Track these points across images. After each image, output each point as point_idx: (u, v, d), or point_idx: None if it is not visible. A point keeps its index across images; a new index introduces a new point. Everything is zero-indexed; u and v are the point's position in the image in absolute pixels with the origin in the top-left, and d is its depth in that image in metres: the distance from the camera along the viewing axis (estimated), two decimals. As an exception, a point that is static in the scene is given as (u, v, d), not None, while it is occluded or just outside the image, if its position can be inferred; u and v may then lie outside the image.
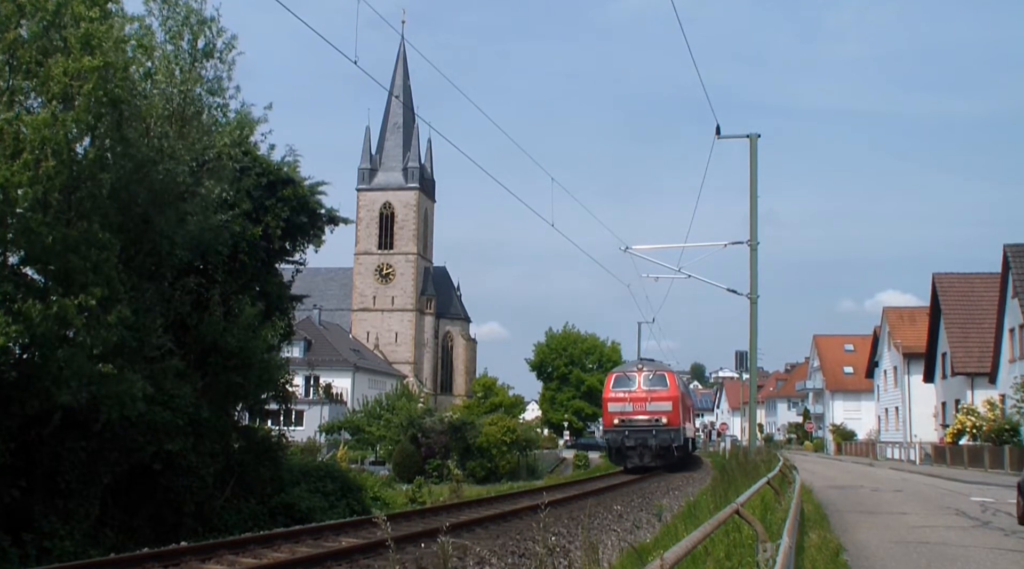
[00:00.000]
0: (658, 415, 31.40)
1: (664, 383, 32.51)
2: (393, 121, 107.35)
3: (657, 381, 32.53)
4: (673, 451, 31.87)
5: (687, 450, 36.24)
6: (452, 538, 10.55)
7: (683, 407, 33.32)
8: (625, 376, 33.22)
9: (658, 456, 31.48)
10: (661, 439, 31.16)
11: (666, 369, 34.08)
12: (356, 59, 13.36)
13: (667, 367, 34.72)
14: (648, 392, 32.01)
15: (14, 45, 14.12)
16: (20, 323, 12.81)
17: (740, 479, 16.36)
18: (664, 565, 4.38)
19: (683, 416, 33.13)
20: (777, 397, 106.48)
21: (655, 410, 31.55)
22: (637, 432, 31.44)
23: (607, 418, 32.90)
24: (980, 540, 13.01)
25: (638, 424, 31.52)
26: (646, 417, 31.49)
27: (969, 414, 39.65)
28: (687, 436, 35.27)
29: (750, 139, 25.94)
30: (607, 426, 32.97)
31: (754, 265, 25.91)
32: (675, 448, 32.03)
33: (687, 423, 35.74)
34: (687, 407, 36.40)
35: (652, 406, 31.66)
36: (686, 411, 35.36)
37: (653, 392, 31.99)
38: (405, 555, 9.53)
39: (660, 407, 31.66)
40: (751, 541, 7.72)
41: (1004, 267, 39.36)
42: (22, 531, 13.96)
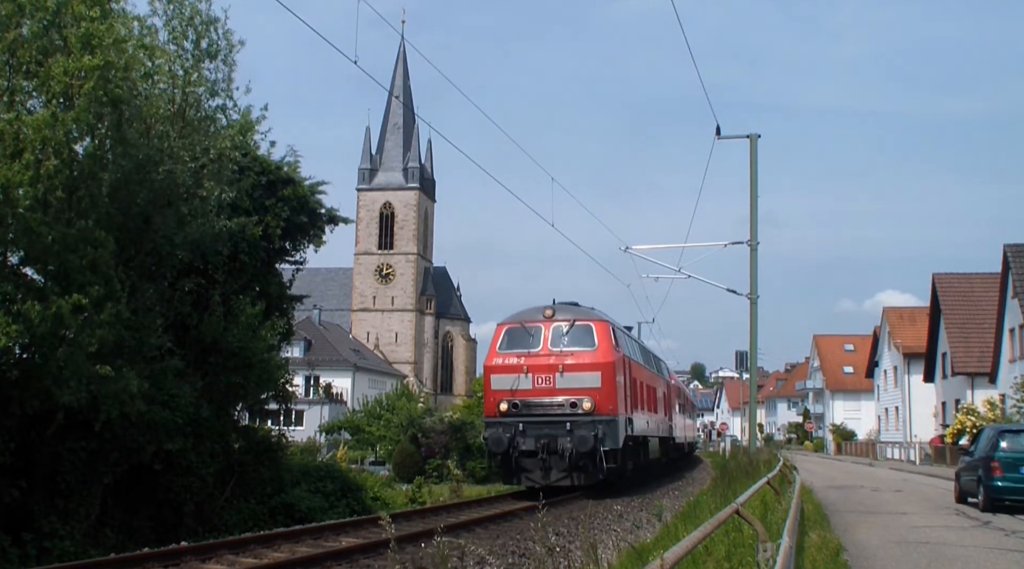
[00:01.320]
0: (577, 395, 18.75)
1: (590, 340, 19.49)
2: (393, 121, 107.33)
3: (578, 337, 19.54)
4: (603, 461, 18.49)
5: (644, 459, 23.47)
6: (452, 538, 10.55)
7: (629, 384, 20.83)
8: (523, 329, 19.76)
9: (577, 468, 18.53)
10: (582, 438, 18.24)
11: (596, 317, 20.32)
12: (356, 59, 13.38)
13: (599, 315, 20.80)
14: (560, 356, 19.14)
15: (14, 45, 14.13)
16: (20, 323, 12.82)
17: (740, 479, 16.37)
18: (664, 565, 4.38)
19: (630, 399, 20.67)
20: (777, 397, 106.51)
21: (572, 386, 18.90)
22: (538, 425, 18.72)
23: (489, 400, 19.65)
24: (980, 540, 13.01)
25: (541, 411, 18.84)
26: (556, 399, 18.88)
27: (969, 414, 39.64)
28: (642, 432, 22.53)
29: (750, 139, 25.95)
30: (489, 414, 19.58)
31: (754, 265, 25.91)
32: (612, 456, 18.83)
33: (644, 411, 23.16)
34: (644, 387, 23.71)
35: (567, 380, 18.99)
36: (640, 393, 22.64)
37: (569, 356, 19.18)
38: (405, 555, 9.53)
39: (581, 381, 19.02)
40: (751, 541, 7.72)
41: (1004, 267, 39.35)
42: (22, 531, 13.95)
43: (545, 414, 18.74)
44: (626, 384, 20.29)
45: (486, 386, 19.97)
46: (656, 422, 25.80)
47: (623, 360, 20.26)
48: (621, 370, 19.84)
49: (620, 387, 19.53)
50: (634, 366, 22.06)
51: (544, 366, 19.09)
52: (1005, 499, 17.46)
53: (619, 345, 20.34)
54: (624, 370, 20.20)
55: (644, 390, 23.64)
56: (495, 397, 19.24)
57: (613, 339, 19.93)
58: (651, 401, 25.04)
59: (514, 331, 19.92)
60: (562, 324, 19.65)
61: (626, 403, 20.10)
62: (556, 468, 18.50)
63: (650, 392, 24.99)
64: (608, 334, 19.84)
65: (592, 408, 18.57)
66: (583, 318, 19.92)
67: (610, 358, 19.31)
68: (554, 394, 18.88)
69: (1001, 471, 17.40)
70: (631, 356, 22.04)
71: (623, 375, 20.00)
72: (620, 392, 19.48)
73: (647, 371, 25.46)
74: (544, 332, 19.57)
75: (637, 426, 21.52)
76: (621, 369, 19.85)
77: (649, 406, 24.41)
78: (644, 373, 24.39)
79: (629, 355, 21.68)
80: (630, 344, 23.52)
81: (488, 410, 19.60)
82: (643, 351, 27.18)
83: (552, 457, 18.49)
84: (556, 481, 18.52)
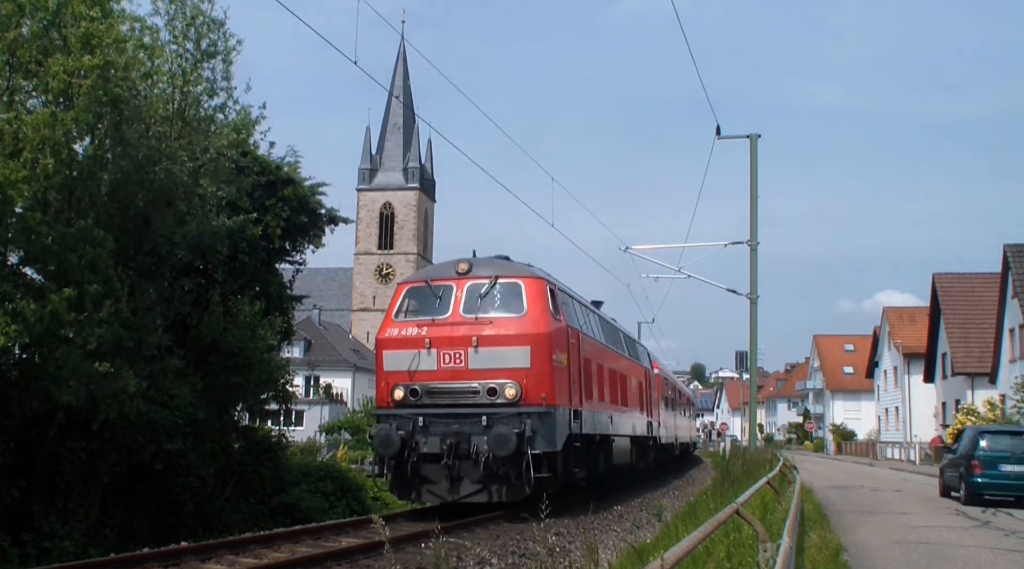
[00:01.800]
0: (498, 378, 13.84)
1: (517, 303, 14.34)
2: (393, 121, 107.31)
3: (502, 299, 14.43)
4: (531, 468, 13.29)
5: (605, 465, 18.14)
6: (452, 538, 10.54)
7: (581, 366, 15.76)
8: (428, 289, 14.81)
9: (496, 478, 13.53)
10: (500, 438, 13.26)
11: (528, 273, 14.99)
12: (356, 59, 13.38)
13: (534, 271, 15.34)
14: (476, 325, 14.13)
15: (14, 44, 14.14)
16: (19, 323, 12.82)
17: (740, 479, 16.36)
18: (664, 565, 4.38)
19: (580, 385, 15.54)
20: (777, 397, 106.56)
21: (491, 365, 13.95)
22: (445, 419, 13.87)
23: (381, 386, 14.61)
24: (980, 540, 13.02)
25: (449, 401, 14.00)
26: (468, 384, 13.95)
27: (969, 414, 39.63)
28: (600, 430, 17.13)
29: (750, 139, 25.94)
30: (381, 404, 14.66)
31: (754, 265, 25.91)
32: (546, 461, 13.79)
33: (607, 404, 17.98)
34: (607, 373, 18.35)
35: (484, 357, 13.98)
36: (598, 379, 17.28)
37: (488, 324, 14.13)
38: (406, 555, 9.53)
39: (503, 359, 13.96)
40: (751, 541, 7.72)
41: (1004, 267, 39.35)
42: (22, 531, 13.96)
43: (454, 405, 13.80)
44: (574, 366, 15.16)
45: (377, 366, 14.77)
46: (626, 418, 20.28)
47: (568, 334, 14.98)
48: (564, 346, 14.59)
49: (561, 369, 14.33)
50: (589, 344, 16.80)
51: (453, 339, 13.98)
52: (984, 494, 19.17)
53: (561, 313, 14.92)
54: (571, 347, 15.00)
55: (606, 377, 18.20)
56: (388, 381, 14.28)
57: (551, 304, 14.48)
58: (619, 392, 19.62)
59: (417, 292, 14.81)
60: (480, 282, 14.36)
61: (573, 391, 14.94)
62: (468, 478, 13.56)
63: (618, 380, 19.61)
64: (543, 296, 14.41)
65: (517, 396, 13.56)
66: (509, 274, 14.58)
67: (544, 328, 14.00)
68: (466, 377, 13.84)
69: (981, 468, 19.15)
70: (585, 331, 16.76)
71: (569, 354, 14.78)
72: (561, 375, 14.31)
73: (613, 353, 19.82)
74: (456, 293, 14.34)
75: (590, 422, 16.08)
76: (564, 344, 14.62)
77: (615, 398, 19.08)
78: (607, 355, 18.86)
79: (581, 329, 16.31)
80: (585, 316, 17.52)
81: (380, 399, 14.57)
82: (608, 328, 20.53)
83: (462, 463, 13.52)
84: (467, 496, 13.59)
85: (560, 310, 15.02)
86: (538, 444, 13.60)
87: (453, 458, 13.57)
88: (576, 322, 16.22)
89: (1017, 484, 19.00)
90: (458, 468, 13.66)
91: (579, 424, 15.34)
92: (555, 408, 14.03)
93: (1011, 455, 19.19)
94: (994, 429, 22.74)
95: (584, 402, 15.83)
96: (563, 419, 14.42)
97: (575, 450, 15.26)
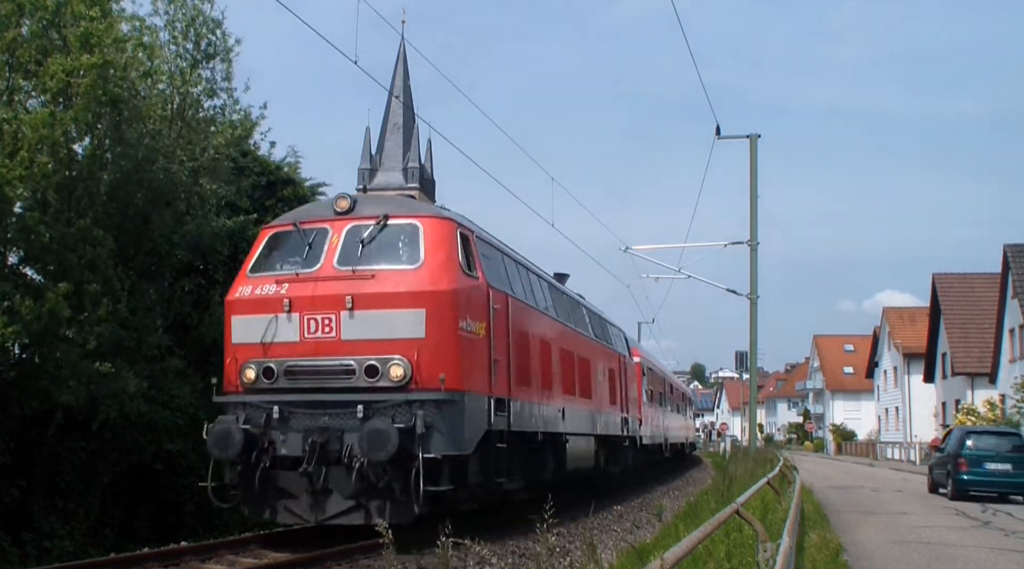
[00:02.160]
0: (380, 351, 10.07)
1: (413, 252, 10.59)
2: (393, 121, 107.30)
3: (392, 247, 10.72)
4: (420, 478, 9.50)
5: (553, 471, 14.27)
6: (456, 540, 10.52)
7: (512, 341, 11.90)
8: (297, 234, 11.10)
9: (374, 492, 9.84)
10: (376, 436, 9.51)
11: (431, 213, 11.37)
12: (356, 59, 13.34)
13: (440, 210, 11.64)
14: (353, 280, 10.40)
15: (13, 44, 14.14)
16: (17, 322, 12.83)
17: (740, 479, 16.36)
18: (664, 565, 4.38)
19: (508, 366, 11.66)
20: (777, 397, 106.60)
21: (371, 335, 10.14)
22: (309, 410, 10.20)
23: (228, 363, 10.95)
24: (980, 540, 13.02)
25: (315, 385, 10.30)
26: (341, 360, 10.21)
27: (969, 414, 39.63)
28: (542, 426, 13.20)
29: (750, 139, 25.96)
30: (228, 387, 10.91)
31: (754, 265, 25.93)
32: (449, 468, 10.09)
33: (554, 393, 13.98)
34: (557, 353, 14.44)
35: (362, 323, 10.17)
36: (543, 361, 13.51)
37: (369, 279, 10.37)
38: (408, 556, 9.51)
39: (389, 326, 10.14)
40: (751, 541, 7.72)
41: (1004, 267, 39.36)
42: (22, 531, 13.96)
43: (322, 389, 10.13)
44: (499, 340, 11.16)
45: (225, 338, 11.14)
46: (588, 413, 16.31)
47: (490, 296, 11.03)
48: (481, 311, 10.71)
49: (475, 342, 10.51)
50: (527, 314, 12.65)
51: (321, 299, 10.24)
52: (970, 490, 20.64)
53: (478, 268, 10.98)
54: (494, 315, 11.02)
55: (556, 359, 14.10)
56: (237, 357, 10.70)
57: (461, 254, 10.66)
58: (577, 380, 15.43)
59: (283, 238, 11.12)
60: (365, 224, 10.66)
61: (496, 373, 11.02)
62: (339, 491, 9.93)
63: (575, 366, 15.47)
64: (449, 243, 10.59)
65: (406, 377, 9.86)
66: (404, 213, 10.84)
67: (447, 283, 10.20)
68: (338, 351, 10.11)
69: (967, 466, 20.73)
70: (522, 297, 12.58)
71: (491, 323, 10.89)
72: (475, 350, 10.51)
73: (569, 332, 15.59)
74: (331, 238, 10.64)
75: (525, 416, 12.13)
76: (481, 310, 10.73)
77: (571, 387, 14.97)
78: (560, 333, 14.71)
79: (514, 293, 12.10)
80: (524, 280, 13.26)
81: (227, 381, 10.88)
82: (563, 300, 16.04)
83: (331, 471, 9.89)
84: (335, 517, 10.05)
85: (477, 264, 11.00)
86: (435, 444, 9.64)
87: (317, 463, 9.77)
88: (505, 283, 12.02)
89: (1000, 481, 20.57)
90: (325, 477, 9.82)
91: (505, 418, 11.20)
92: (462, 394, 10.02)
93: (995, 454, 20.78)
94: (979, 430, 24.36)
95: (516, 389, 11.71)
96: (476, 410, 10.34)
97: (500, 453, 11.21)
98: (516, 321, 12.13)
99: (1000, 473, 20.52)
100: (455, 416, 10.03)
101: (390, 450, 9.45)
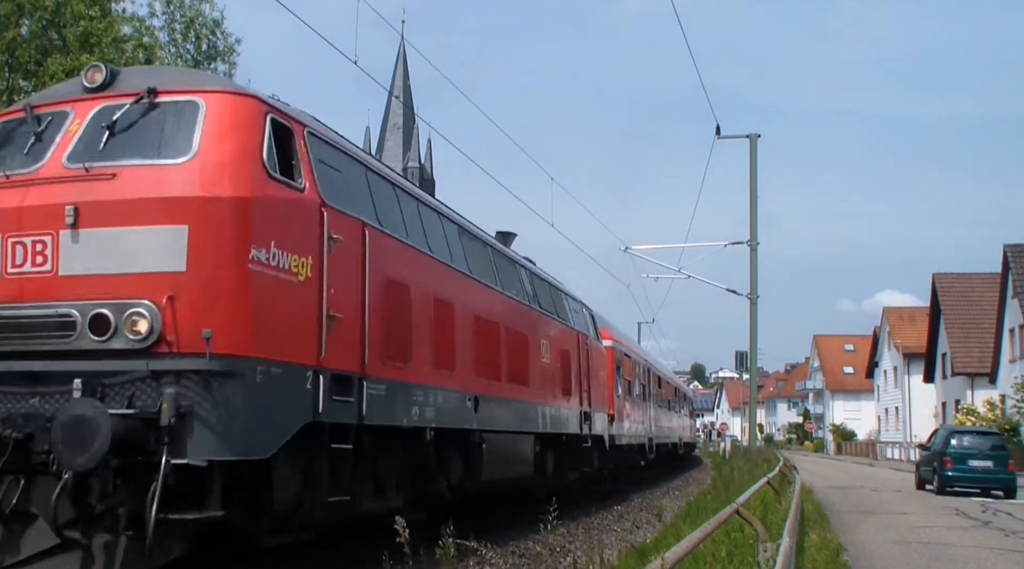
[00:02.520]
0: (114, 292, 6.09)
1: (183, 140, 6.49)
2: (393, 121, 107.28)
3: (158, 132, 6.60)
4: (155, 502, 5.65)
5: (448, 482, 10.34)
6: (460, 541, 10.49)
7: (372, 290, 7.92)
8: (29, 120, 6.83)
9: (95, 521, 5.92)
10: (73, 430, 5.70)
11: (223, 87, 7.20)
12: (356, 59, 13.32)
13: (235, 84, 7.95)
14: (83, 181, 6.35)
15: (13, 44, 14.16)
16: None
17: (740, 479, 16.36)
18: (665, 565, 4.38)
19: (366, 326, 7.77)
20: (777, 397, 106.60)
21: (104, 269, 6.18)
22: (6, 382, 6.25)
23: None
24: (980, 540, 13.01)
25: (18, 342, 6.25)
26: (55, 307, 6.18)
27: (969, 414, 39.64)
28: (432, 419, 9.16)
29: (750, 139, 25.99)
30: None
31: (754, 265, 25.94)
32: (206, 480, 6.13)
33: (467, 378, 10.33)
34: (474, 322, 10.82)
35: (90, 249, 6.21)
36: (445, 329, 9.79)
37: (108, 178, 6.32)
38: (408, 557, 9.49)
39: (130, 254, 6.18)
40: (751, 541, 7.72)
41: (1004, 267, 39.38)
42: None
43: (28, 353, 6.39)
44: (349, 287, 7.73)
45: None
46: (522, 403, 12.68)
47: (327, 220, 7.38)
48: (306, 241, 7.15)
49: (288, 286, 6.88)
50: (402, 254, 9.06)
51: (32, 212, 6.54)
52: (954, 486, 22.21)
53: (306, 175, 7.37)
54: (333, 248, 7.41)
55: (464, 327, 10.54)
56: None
57: (267, 147, 6.96)
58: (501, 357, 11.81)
59: (12, 129, 7.22)
60: (122, 103, 6.83)
61: (338, 335, 7.42)
62: (45, 518, 6.10)
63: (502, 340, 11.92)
64: (249, 130, 6.91)
65: (153, 333, 6.16)
66: (180, 87, 7.08)
67: (232, 188, 6.56)
68: (53, 292, 6.36)
69: (951, 463, 22.29)
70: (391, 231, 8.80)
71: (324, 258, 7.26)
72: (283, 297, 6.85)
73: (488, 292, 11.81)
74: (69, 125, 6.88)
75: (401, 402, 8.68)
76: (307, 238, 7.18)
77: (489, 366, 11.33)
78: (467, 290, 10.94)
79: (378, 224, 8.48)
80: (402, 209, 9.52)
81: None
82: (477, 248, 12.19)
83: (36, 484, 6.26)
84: (32, 559, 6.16)
85: (305, 172, 7.30)
86: (196, 443, 6.09)
87: (15, 473, 6.21)
88: (365, 209, 8.26)
89: (982, 477, 22.21)
90: (23, 495, 6.22)
91: (354, 405, 7.64)
92: (250, 363, 6.41)
93: (978, 452, 22.40)
94: (963, 430, 26.48)
95: (379, 362, 8.09)
96: (284, 390, 6.77)
97: (344, 458, 7.73)
98: (383, 264, 8.30)
99: (982, 470, 22.19)
100: (234, 397, 6.26)
101: (96, 452, 5.73)
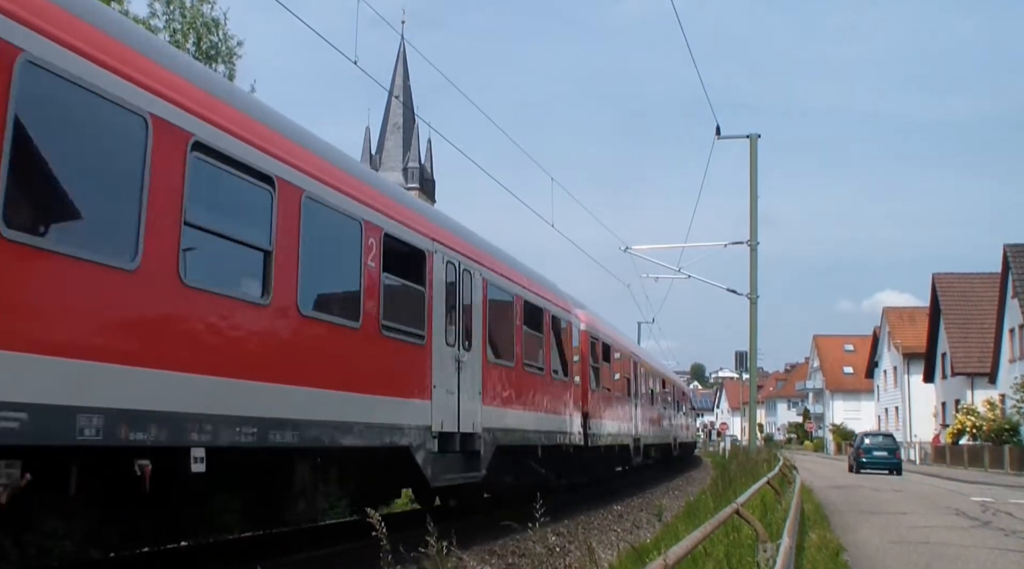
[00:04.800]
0: None
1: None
2: (393, 121, 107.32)
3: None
4: None
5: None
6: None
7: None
8: None
9: None
10: None
11: None
12: (356, 59, 13.34)
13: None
14: None
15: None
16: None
17: (740, 479, 16.37)
18: (665, 565, 4.39)
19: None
20: (777, 397, 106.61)
21: None
22: None
23: None
24: (980, 540, 13.02)
25: None
26: None
27: (969, 414, 39.66)
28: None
29: (750, 139, 25.96)
30: None
31: (754, 265, 25.93)
32: None
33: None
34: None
35: None
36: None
37: None
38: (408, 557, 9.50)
39: None
40: (751, 541, 7.73)
41: (1004, 267, 39.37)
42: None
43: None
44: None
45: None
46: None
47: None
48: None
49: None
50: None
51: None
52: (866, 467, 36.20)
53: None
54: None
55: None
56: None
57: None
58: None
59: None
60: None
61: None
62: None
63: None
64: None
65: None
66: None
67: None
68: None
69: (863, 454, 37.02)
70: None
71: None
72: None
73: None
74: None
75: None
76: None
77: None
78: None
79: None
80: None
81: None
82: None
83: None
84: None
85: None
86: None
87: None
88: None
89: (882, 462, 36.57)
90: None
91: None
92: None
93: (880, 446, 37.32)
94: (871, 432, 43.30)
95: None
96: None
97: None
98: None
99: (882, 457, 36.75)
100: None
101: None
